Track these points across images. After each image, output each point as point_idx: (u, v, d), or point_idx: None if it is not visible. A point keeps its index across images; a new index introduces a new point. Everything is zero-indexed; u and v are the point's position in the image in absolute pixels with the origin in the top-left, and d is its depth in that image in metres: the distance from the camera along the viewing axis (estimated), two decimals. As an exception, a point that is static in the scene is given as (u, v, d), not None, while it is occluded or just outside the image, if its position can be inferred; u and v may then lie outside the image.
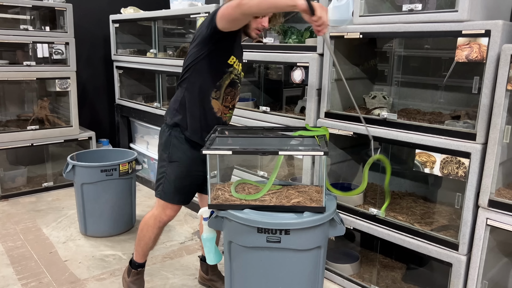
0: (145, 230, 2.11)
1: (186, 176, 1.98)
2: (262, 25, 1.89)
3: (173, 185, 1.98)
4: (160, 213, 2.05)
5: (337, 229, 1.73)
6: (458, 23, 1.78)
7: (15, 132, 3.59)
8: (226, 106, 1.98)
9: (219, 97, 1.93)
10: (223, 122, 2.00)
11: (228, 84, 1.93)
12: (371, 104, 2.47)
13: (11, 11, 3.65)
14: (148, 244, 2.13)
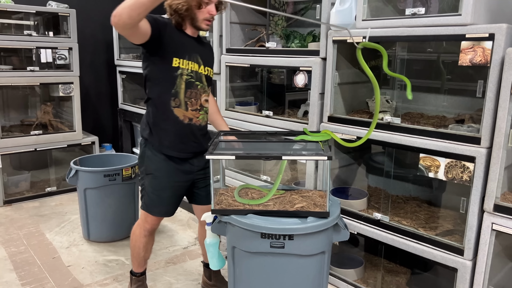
0: (134, 240, 2.11)
1: (164, 188, 1.96)
2: (210, 14, 1.83)
3: (151, 197, 1.97)
4: (143, 222, 2.05)
5: (341, 234, 1.72)
6: (461, 26, 1.77)
7: (18, 137, 3.60)
8: (194, 110, 1.91)
9: (180, 104, 1.88)
10: (198, 126, 1.94)
11: (185, 87, 1.87)
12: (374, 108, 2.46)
13: (15, 17, 3.67)
14: (140, 254, 2.12)
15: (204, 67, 1.93)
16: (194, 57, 1.89)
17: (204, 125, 2.00)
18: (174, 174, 1.95)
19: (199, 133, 1.96)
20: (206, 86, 1.96)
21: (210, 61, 1.99)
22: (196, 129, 1.94)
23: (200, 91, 1.92)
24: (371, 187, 2.67)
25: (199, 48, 1.93)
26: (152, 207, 1.99)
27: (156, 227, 2.09)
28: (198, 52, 1.91)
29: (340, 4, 2.21)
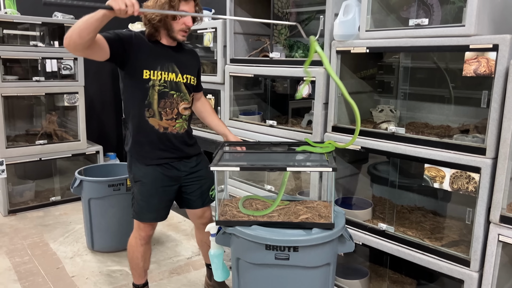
0: (132, 251, 2.13)
1: (152, 194, 1.99)
2: (185, 25, 1.86)
3: (140, 204, 2.01)
4: (137, 231, 2.08)
5: (346, 245, 1.71)
6: (465, 37, 1.77)
7: (23, 147, 3.62)
8: (169, 119, 1.94)
9: (154, 114, 1.92)
10: (175, 134, 1.97)
11: (158, 97, 1.90)
12: (378, 118, 2.46)
13: (21, 27, 3.71)
14: (139, 264, 2.14)
15: (182, 75, 1.94)
16: (168, 66, 1.91)
17: (183, 133, 2.01)
18: (161, 180, 1.99)
19: (177, 141, 1.99)
20: (187, 93, 1.98)
21: (191, 68, 2.00)
22: (173, 137, 1.97)
23: (177, 100, 1.95)
24: (375, 197, 2.65)
25: (176, 57, 1.94)
26: (141, 214, 2.02)
27: (151, 233, 2.10)
28: (175, 61, 1.93)
29: (343, 15, 2.22)
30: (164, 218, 2.09)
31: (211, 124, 2.21)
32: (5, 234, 3.21)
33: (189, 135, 2.08)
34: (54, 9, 3.86)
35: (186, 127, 2.03)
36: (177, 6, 1.80)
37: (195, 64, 2.07)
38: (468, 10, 1.75)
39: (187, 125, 2.04)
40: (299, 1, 2.98)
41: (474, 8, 1.73)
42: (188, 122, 2.06)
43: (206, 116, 2.20)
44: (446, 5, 2.22)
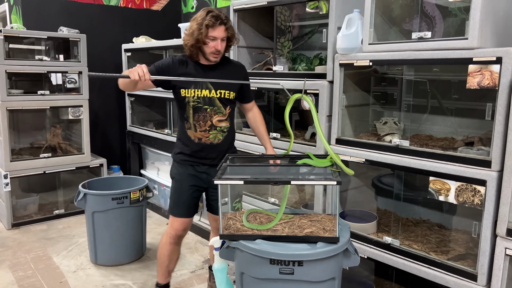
0: (160, 248, 2.31)
1: (182, 192, 2.24)
2: (215, 48, 2.09)
3: (172, 199, 2.27)
4: (169, 228, 2.27)
5: (351, 259, 1.69)
6: (468, 50, 1.78)
7: (28, 160, 3.63)
8: (202, 131, 2.18)
9: (191, 127, 2.19)
10: (209, 144, 2.19)
11: (193, 112, 2.16)
12: (382, 130, 2.46)
13: (26, 42, 3.76)
14: (164, 262, 2.30)
15: (216, 91, 2.16)
16: (202, 84, 2.15)
17: (218, 143, 2.21)
18: (191, 179, 2.22)
19: (211, 150, 2.21)
20: (222, 107, 2.19)
21: (226, 85, 2.18)
22: (207, 147, 2.19)
23: (210, 113, 2.17)
24: (380, 210, 2.64)
25: (211, 74, 2.16)
26: (172, 208, 2.26)
27: (180, 234, 2.27)
28: (209, 78, 2.14)
29: (346, 28, 2.23)
30: (191, 215, 2.28)
31: (257, 135, 2.39)
32: (8, 247, 3.21)
33: (226, 145, 2.25)
34: (60, 24, 3.91)
35: (222, 138, 2.21)
36: (205, 32, 2.03)
37: (237, 79, 2.22)
38: (471, 23, 1.76)
39: (223, 136, 2.21)
40: (301, 15, 3.01)
41: (477, 21, 1.74)
42: (228, 133, 2.23)
43: (254, 127, 2.38)
44: (448, 18, 2.23)
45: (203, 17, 2.04)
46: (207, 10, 2.08)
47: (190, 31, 2.07)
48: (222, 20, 2.06)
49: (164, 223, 3.76)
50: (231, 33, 2.13)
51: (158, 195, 4.03)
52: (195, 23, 2.06)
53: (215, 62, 2.16)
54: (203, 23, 2.02)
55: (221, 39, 2.08)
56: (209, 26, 2.03)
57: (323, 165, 1.83)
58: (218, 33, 2.06)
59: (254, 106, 2.38)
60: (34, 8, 3.95)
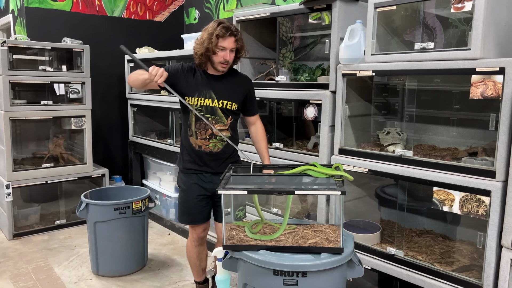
0: (188, 252, 2.45)
1: (188, 200, 2.30)
2: (224, 58, 2.13)
3: (179, 208, 2.37)
4: (190, 234, 2.39)
5: (355, 270, 1.68)
6: (471, 61, 1.79)
7: (30, 170, 3.63)
8: (203, 139, 2.22)
9: (193, 134, 2.24)
10: (208, 152, 2.23)
11: (195, 119, 2.21)
12: (385, 141, 2.45)
13: (30, 52, 3.78)
14: (196, 263, 2.44)
15: (218, 101, 2.19)
16: (206, 93, 2.19)
17: (218, 151, 2.24)
18: (196, 189, 2.28)
19: (209, 158, 2.24)
20: (223, 117, 2.22)
21: (231, 95, 2.22)
22: (205, 155, 2.23)
23: (211, 122, 2.19)
24: (383, 220, 2.62)
25: (215, 85, 2.21)
26: (180, 216, 2.37)
27: (201, 235, 2.38)
28: (213, 88, 2.20)
29: (349, 39, 2.25)
30: (200, 222, 2.34)
31: (257, 149, 2.41)
32: (9, 258, 3.19)
33: (226, 155, 2.27)
34: (63, 35, 3.94)
35: (221, 146, 2.24)
36: (215, 42, 2.08)
37: (240, 91, 2.27)
38: (473, 33, 1.77)
39: (223, 145, 2.24)
40: (303, 26, 3.03)
41: (480, 32, 1.75)
42: (227, 143, 2.23)
43: (255, 142, 2.41)
44: (449, 29, 2.24)
45: (214, 28, 2.10)
46: (219, 21, 2.13)
47: (201, 40, 2.14)
48: (232, 32, 2.11)
49: (165, 233, 3.74)
50: (240, 44, 2.17)
51: (160, 205, 4.02)
52: (206, 33, 2.12)
53: (223, 72, 2.20)
54: (213, 33, 2.08)
55: (230, 49, 2.13)
56: (219, 36, 2.08)
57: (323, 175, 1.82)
58: (228, 44, 2.11)
59: (258, 120, 2.39)
60: (38, 19, 3.99)
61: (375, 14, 2.14)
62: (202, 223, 2.34)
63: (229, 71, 2.25)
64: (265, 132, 2.42)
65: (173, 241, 3.56)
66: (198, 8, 4.59)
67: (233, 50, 2.15)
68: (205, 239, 2.42)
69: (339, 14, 2.33)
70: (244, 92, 2.28)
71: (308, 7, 2.47)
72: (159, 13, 4.75)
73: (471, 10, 1.79)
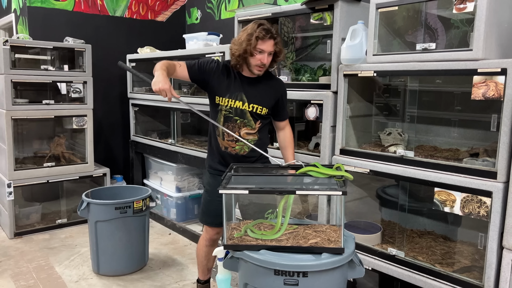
0: (198, 249, 2.44)
1: (211, 201, 2.26)
2: (261, 61, 2.09)
3: (202, 208, 2.36)
4: (204, 233, 2.38)
5: (356, 270, 1.68)
6: (473, 61, 1.79)
7: (31, 169, 3.64)
8: (230, 141, 2.19)
9: (220, 135, 2.21)
10: (234, 154, 2.20)
11: (223, 120, 2.18)
12: (386, 141, 2.45)
13: (32, 52, 3.79)
14: (203, 262, 2.42)
15: (249, 104, 2.16)
16: (237, 95, 2.16)
17: (243, 155, 2.21)
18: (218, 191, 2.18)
19: (234, 161, 2.17)
20: (251, 121, 2.18)
21: (263, 99, 2.18)
22: (230, 156, 2.20)
23: (239, 125, 2.17)
24: (384, 221, 2.62)
25: (248, 88, 2.17)
26: (202, 216, 2.37)
27: (215, 238, 2.35)
28: (245, 91, 2.16)
29: (350, 39, 2.25)
30: (220, 225, 2.19)
31: (283, 155, 2.38)
32: (10, 257, 3.19)
33: (252, 159, 2.24)
34: (65, 34, 3.94)
35: (248, 150, 2.21)
36: (254, 43, 2.04)
37: (272, 95, 2.21)
38: (475, 34, 1.77)
39: (249, 148, 2.20)
40: (304, 26, 3.03)
41: (482, 33, 1.75)
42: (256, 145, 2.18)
43: (282, 147, 2.37)
44: (451, 30, 2.24)
45: (254, 29, 2.05)
46: (259, 22, 2.08)
47: (239, 41, 2.08)
48: (272, 34, 2.07)
49: (166, 233, 3.74)
50: (279, 48, 2.12)
51: (161, 205, 4.03)
52: (245, 33, 2.07)
53: (258, 75, 2.15)
54: (253, 35, 2.04)
55: (268, 53, 2.08)
56: (259, 38, 2.04)
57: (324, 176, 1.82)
58: (267, 47, 2.06)
59: (287, 125, 2.35)
60: (40, 18, 4.00)
61: (377, 15, 2.14)
62: (220, 226, 2.25)
63: (264, 74, 2.19)
64: (293, 138, 2.39)
65: (173, 241, 3.56)
66: (200, 8, 4.59)
67: (271, 53, 2.10)
68: (218, 241, 2.39)
69: (341, 15, 2.33)
70: (276, 97, 2.23)
71: (310, 7, 2.47)
72: (161, 13, 4.75)
73: (473, 10, 1.79)
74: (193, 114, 4.08)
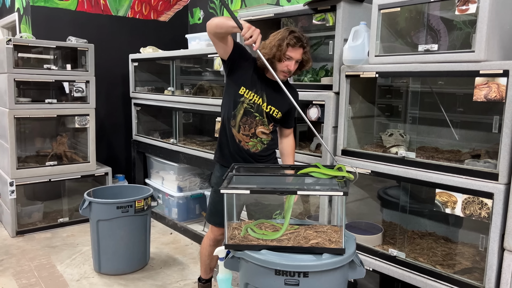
0: (202, 248, 2.43)
1: (219, 201, 2.12)
2: (287, 68, 2.08)
3: (209, 208, 2.35)
4: (209, 232, 2.37)
5: (357, 271, 1.68)
6: (475, 63, 1.79)
7: (33, 168, 3.65)
8: (245, 135, 2.17)
9: (235, 126, 2.17)
10: (246, 150, 2.19)
11: (243, 113, 2.15)
12: (388, 142, 2.45)
13: (35, 51, 3.80)
14: (206, 261, 2.43)
15: (267, 105, 2.16)
16: (261, 93, 2.16)
17: (256, 152, 2.20)
18: None
19: (247, 157, 2.20)
20: (267, 121, 2.19)
21: (277, 104, 2.18)
22: (244, 151, 2.19)
23: (257, 122, 2.17)
24: (385, 222, 2.62)
25: (270, 90, 2.17)
26: (209, 216, 2.34)
27: (220, 238, 2.34)
28: (267, 92, 2.16)
29: (353, 40, 2.25)
30: None
31: (283, 163, 2.38)
32: (12, 255, 3.21)
33: (264, 156, 2.24)
34: (68, 34, 3.96)
35: (260, 148, 2.21)
36: (284, 50, 2.04)
37: (288, 102, 2.17)
38: (477, 36, 1.77)
39: (262, 147, 2.21)
40: (307, 27, 3.03)
41: (484, 34, 1.75)
42: (267, 146, 2.22)
43: (283, 155, 2.38)
44: (453, 31, 2.24)
45: (285, 35, 2.05)
46: (290, 29, 2.08)
47: (270, 45, 2.08)
48: (302, 43, 2.07)
49: (168, 232, 3.75)
50: (307, 57, 2.13)
51: (162, 204, 4.03)
52: (276, 38, 2.07)
53: (282, 80, 2.12)
54: (284, 41, 2.04)
55: (296, 60, 2.09)
56: (289, 45, 2.04)
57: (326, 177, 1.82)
58: (295, 54, 2.07)
59: (291, 135, 2.36)
60: (43, 18, 4.01)
61: (379, 16, 2.14)
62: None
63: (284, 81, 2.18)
64: (294, 148, 2.39)
65: (175, 240, 3.57)
66: (202, 8, 4.60)
67: (298, 61, 2.10)
68: (222, 242, 2.37)
69: (343, 15, 2.33)
70: (290, 104, 2.21)
71: (312, 8, 2.47)
72: (164, 13, 4.76)
73: (476, 12, 1.79)
74: (194, 114, 4.10)
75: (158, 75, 4.47)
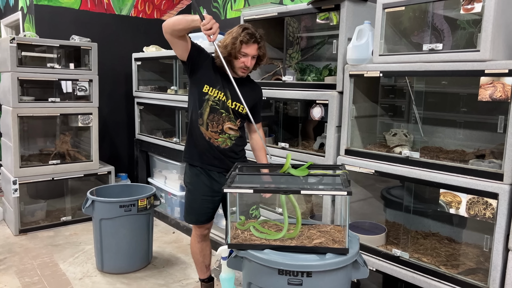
0: (191, 247, 2.44)
1: (194, 200, 2.28)
2: (244, 64, 2.14)
3: (185, 207, 2.35)
4: (193, 230, 2.39)
5: (360, 271, 1.67)
6: (480, 62, 1.77)
7: (37, 167, 3.65)
8: (214, 132, 2.20)
9: (203, 124, 2.20)
10: (216, 146, 2.21)
11: (209, 111, 2.18)
12: (392, 142, 2.45)
13: (38, 50, 3.80)
14: (199, 259, 2.42)
15: (232, 101, 2.19)
16: (224, 90, 2.19)
17: (226, 148, 2.23)
18: (202, 190, 2.26)
19: (217, 154, 2.22)
20: (233, 117, 2.22)
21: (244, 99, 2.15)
22: (215, 148, 2.21)
23: (224, 118, 2.20)
24: (389, 222, 2.61)
25: (231, 86, 2.15)
26: (186, 215, 2.35)
27: (205, 233, 2.38)
28: (230, 88, 2.17)
29: (357, 40, 2.24)
30: (205, 222, 2.33)
31: (256, 158, 2.42)
32: (15, 253, 3.21)
33: (234, 152, 2.27)
34: (72, 33, 3.96)
35: (230, 144, 2.24)
36: (238, 47, 2.09)
37: (252, 98, 2.25)
38: (483, 35, 1.76)
39: (231, 143, 2.24)
40: (310, 26, 3.02)
41: (489, 34, 1.74)
42: (236, 141, 2.25)
43: (255, 149, 2.41)
44: (457, 31, 2.23)
45: (238, 33, 2.10)
46: (244, 26, 2.13)
47: (224, 44, 2.13)
48: (256, 39, 2.12)
49: (170, 231, 3.75)
50: (262, 52, 2.17)
51: (165, 203, 4.03)
52: (230, 37, 2.12)
53: (242, 76, 2.20)
54: (238, 38, 2.08)
55: (252, 56, 2.13)
56: (243, 42, 2.09)
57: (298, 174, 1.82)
58: (250, 50, 2.11)
59: (260, 129, 2.38)
60: (47, 16, 4.02)
61: (383, 15, 2.13)
62: (206, 223, 2.34)
63: (245, 77, 2.26)
64: (265, 140, 2.41)
65: (177, 239, 3.57)
66: (205, 7, 4.59)
67: (254, 56, 2.15)
68: (209, 235, 2.43)
69: (347, 15, 2.32)
70: (255, 100, 2.29)
71: (316, 7, 2.47)
72: (167, 12, 4.76)
73: (481, 11, 1.78)
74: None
75: (161, 74, 4.47)
